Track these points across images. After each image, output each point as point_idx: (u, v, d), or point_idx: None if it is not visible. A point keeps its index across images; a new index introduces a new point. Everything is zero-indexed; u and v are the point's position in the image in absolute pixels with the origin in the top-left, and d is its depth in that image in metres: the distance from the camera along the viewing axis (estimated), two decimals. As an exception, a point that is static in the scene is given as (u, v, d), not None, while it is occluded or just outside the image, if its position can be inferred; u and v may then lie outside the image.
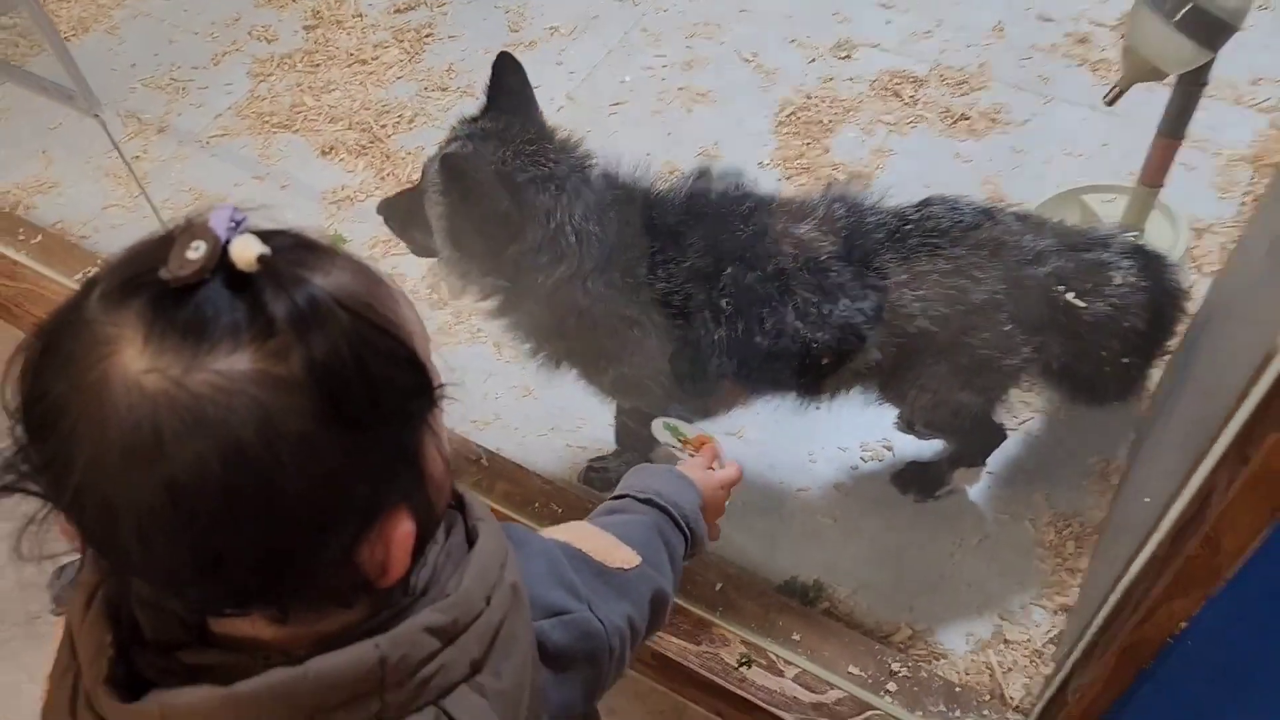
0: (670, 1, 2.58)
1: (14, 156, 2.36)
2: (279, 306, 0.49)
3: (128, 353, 0.48)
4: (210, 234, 0.49)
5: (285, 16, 2.64)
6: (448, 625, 0.57)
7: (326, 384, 0.50)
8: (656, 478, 0.98)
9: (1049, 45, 2.37)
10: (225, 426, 0.48)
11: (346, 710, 0.53)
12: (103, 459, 0.48)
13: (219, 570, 0.51)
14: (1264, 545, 0.63)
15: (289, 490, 0.50)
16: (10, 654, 1.67)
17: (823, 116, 2.26)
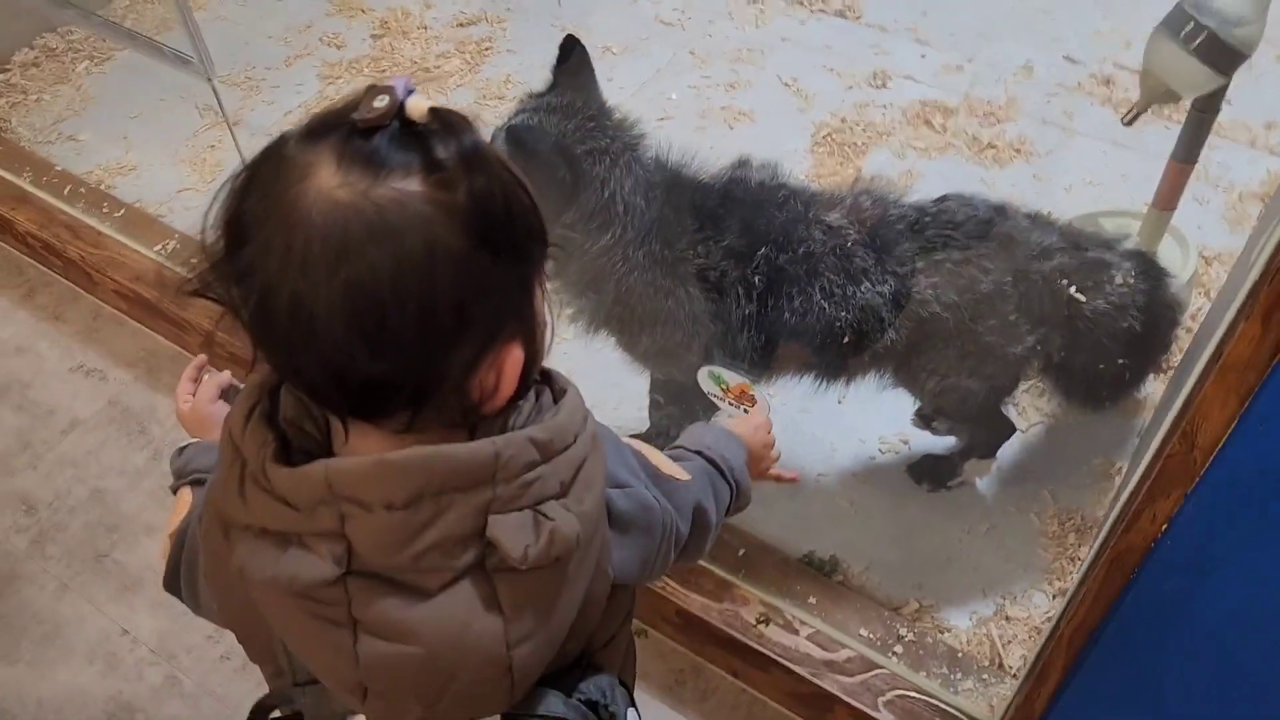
0: (717, 28, 2.73)
1: (99, 140, 2.53)
2: (448, 148, 0.62)
3: (323, 173, 0.60)
4: (391, 90, 0.62)
5: (354, 25, 2.81)
6: (547, 442, 0.67)
7: (481, 212, 0.62)
8: (707, 434, 1.07)
9: (1075, 84, 2.50)
10: (398, 234, 0.60)
11: (465, 494, 0.64)
12: (293, 258, 0.60)
13: (379, 357, 0.62)
14: (1233, 435, 0.73)
15: (442, 294, 0.61)
16: (79, 587, 1.80)
17: (856, 139, 2.39)
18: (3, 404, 2.08)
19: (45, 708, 1.65)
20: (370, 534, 0.64)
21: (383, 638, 0.66)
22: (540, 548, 0.65)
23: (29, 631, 1.74)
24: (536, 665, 0.70)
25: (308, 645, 0.69)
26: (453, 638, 0.66)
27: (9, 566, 1.83)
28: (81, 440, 2.01)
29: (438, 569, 0.66)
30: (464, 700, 0.68)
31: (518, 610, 0.67)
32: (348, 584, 0.65)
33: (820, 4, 2.77)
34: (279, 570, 0.65)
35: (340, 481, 0.63)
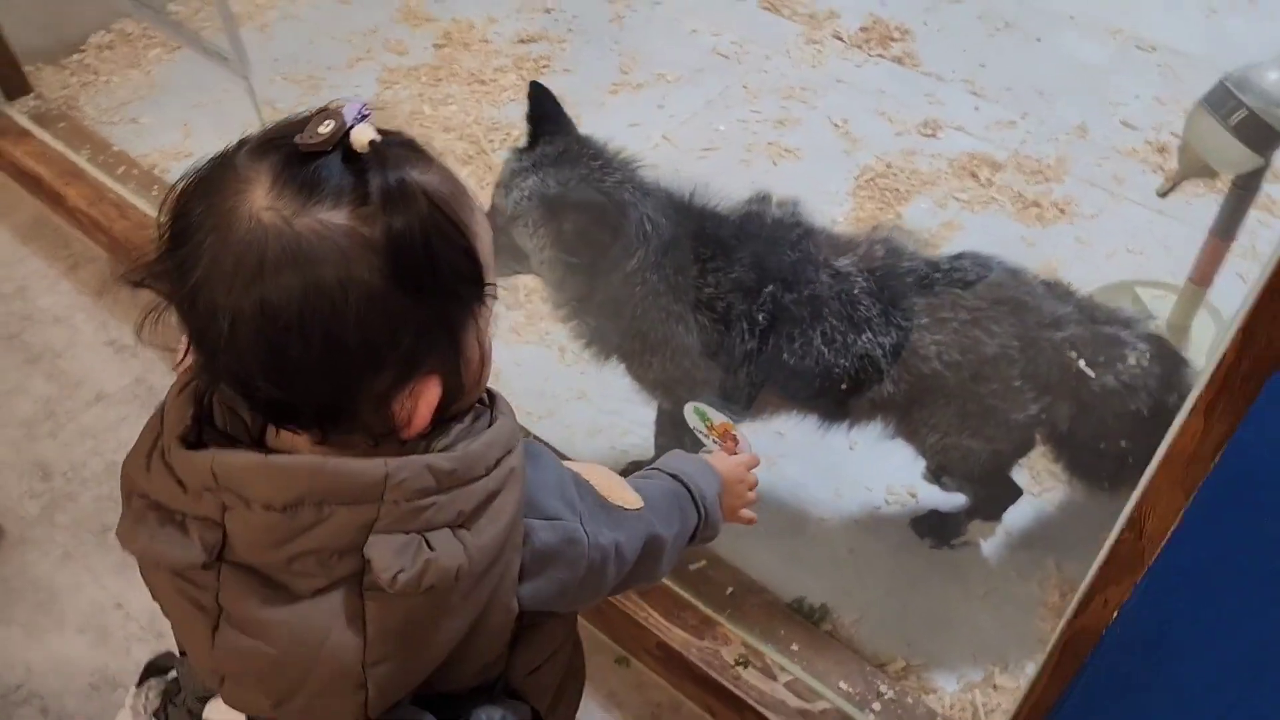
0: (773, 64, 2.74)
1: (159, 125, 2.61)
2: (375, 182, 0.63)
3: (257, 192, 0.62)
4: (340, 117, 0.63)
5: (418, 34, 2.87)
6: (448, 472, 0.67)
7: (397, 250, 0.63)
8: (684, 460, 1.07)
9: (1128, 149, 2.46)
10: (313, 264, 0.61)
11: (349, 509, 0.65)
12: (217, 268, 0.62)
13: (283, 378, 0.63)
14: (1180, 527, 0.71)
15: (350, 327, 0.63)
16: (81, 557, 1.83)
17: (900, 185, 2.37)
18: (34, 371, 2.14)
19: (32, 672, 1.69)
20: (246, 529, 0.65)
21: (241, 630, 0.67)
22: (411, 575, 0.65)
23: (26, 596, 1.78)
24: (397, 687, 0.69)
25: (177, 622, 0.71)
26: (308, 645, 0.66)
27: (18, 531, 1.87)
28: (104, 414, 2.06)
29: (311, 574, 0.66)
30: (314, 707, 0.68)
31: (383, 632, 0.67)
32: (221, 572, 0.66)
33: (879, 49, 2.76)
34: (150, 545, 0.67)
35: (224, 474, 0.65)
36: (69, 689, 1.67)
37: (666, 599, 1.59)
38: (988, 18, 2.85)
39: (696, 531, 1.03)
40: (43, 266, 2.35)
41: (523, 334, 2.10)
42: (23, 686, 1.67)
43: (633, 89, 2.67)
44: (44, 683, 1.67)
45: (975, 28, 2.82)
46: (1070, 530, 1.77)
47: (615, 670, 1.66)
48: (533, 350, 2.07)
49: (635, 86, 2.68)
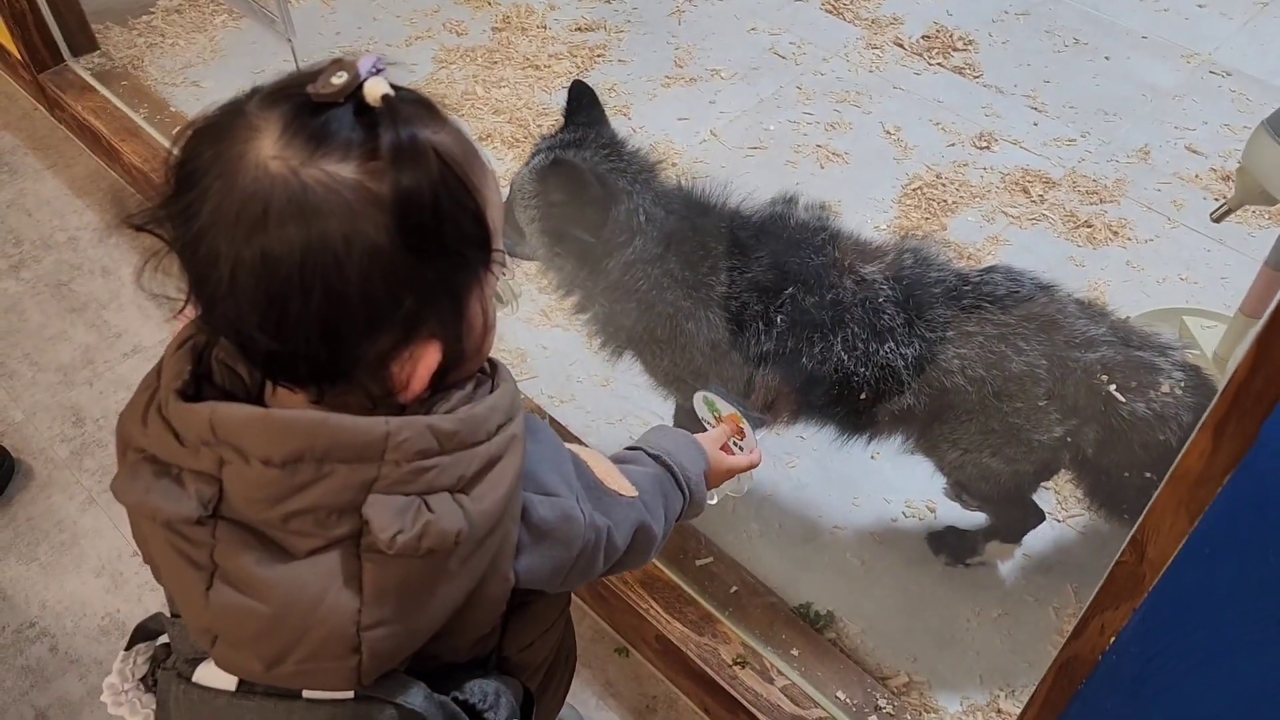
0: (829, 67, 2.70)
1: (218, 90, 2.65)
2: (386, 137, 0.61)
3: (265, 140, 0.61)
4: (354, 69, 0.61)
5: (478, 16, 2.88)
6: (449, 433, 0.66)
7: (404, 208, 0.61)
8: (671, 438, 1.05)
9: (1192, 175, 2.39)
10: (317, 216, 0.60)
11: (350, 467, 0.64)
12: (221, 215, 0.61)
13: (281, 331, 0.62)
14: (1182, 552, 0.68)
15: (351, 284, 0.61)
16: (104, 504, 1.87)
17: (948, 196, 2.33)
18: (78, 320, 2.18)
19: (47, 610, 1.72)
20: (244, 485, 0.64)
21: (235, 588, 0.65)
22: (410, 536, 0.63)
23: (50, 536, 1.82)
24: (392, 652, 0.68)
25: (171, 580, 0.69)
26: (303, 605, 0.65)
27: (47, 472, 1.91)
28: (140, 366, 2.09)
29: (308, 534, 0.65)
30: (306, 669, 0.67)
31: (379, 595, 0.66)
32: (217, 529, 0.65)
33: (940, 58, 2.72)
34: (147, 498, 0.65)
35: (223, 427, 0.64)
36: (80, 629, 1.70)
37: (669, 592, 1.57)
38: (1056, 33, 2.79)
39: (682, 511, 1.02)
40: (95, 219, 2.40)
41: (551, 318, 2.10)
42: (36, 624, 1.70)
43: (686, 83, 2.65)
44: (57, 622, 1.71)
45: (1042, 42, 2.76)
46: (1092, 557, 1.72)
47: (614, 660, 1.65)
48: (560, 335, 2.07)
49: (689, 80, 2.66)
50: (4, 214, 2.41)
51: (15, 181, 2.49)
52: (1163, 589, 0.72)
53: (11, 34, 2.49)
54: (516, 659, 0.86)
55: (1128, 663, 0.78)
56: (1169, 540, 0.70)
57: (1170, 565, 0.70)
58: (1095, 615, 0.79)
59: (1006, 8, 2.87)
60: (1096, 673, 0.81)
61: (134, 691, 0.80)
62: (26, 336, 2.15)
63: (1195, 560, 0.69)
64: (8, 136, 2.61)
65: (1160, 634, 0.75)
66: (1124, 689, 0.80)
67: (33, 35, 2.49)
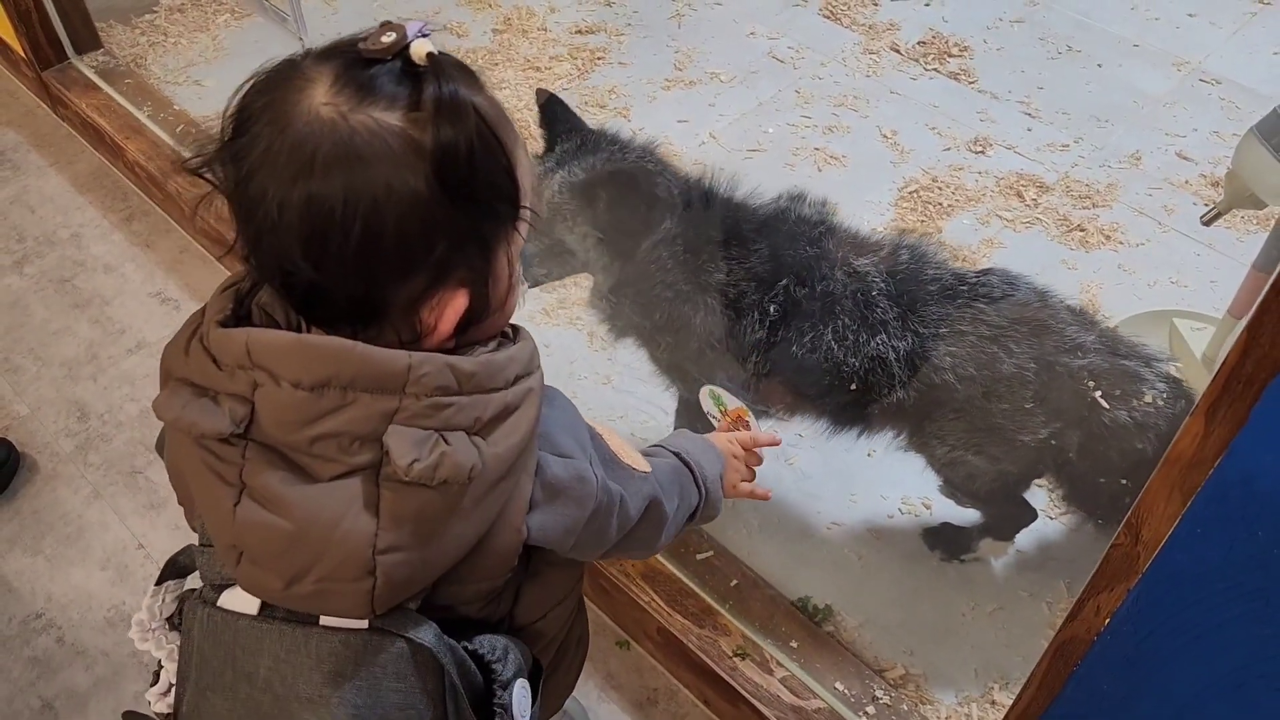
0: (827, 71, 2.74)
1: (221, 89, 2.65)
2: (430, 91, 0.66)
3: (318, 89, 0.66)
4: (402, 30, 0.67)
5: (479, 18, 2.91)
6: (468, 373, 0.69)
7: (443, 157, 0.66)
8: (689, 440, 1.08)
9: (1182, 181, 2.43)
10: (362, 159, 0.65)
11: (372, 395, 0.67)
12: (271, 156, 0.65)
13: (322, 265, 0.66)
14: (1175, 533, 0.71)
15: (389, 225, 0.66)
16: (110, 497, 1.88)
17: (943, 199, 2.36)
18: (82, 316, 2.20)
19: (53, 602, 1.74)
20: (274, 406, 0.68)
21: (261, 505, 0.69)
22: (426, 464, 0.67)
23: (55, 529, 1.83)
24: (404, 581, 0.71)
25: (202, 497, 0.72)
26: (323, 524, 0.68)
27: (52, 466, 1.93)
28: (143, 362, 2.11)
29: (331, 459, 0.68)
30: (322, 589, 0.70)
31: (395, 521, 0.69)
32: (247, 449, 0.69)
33: (936, 63, 2.75)
34: (183, 414, 0.69)
35: (258, 349, 0.68)
36: (86, 621, 1.71)
37: (670, 585, 1.60)
38: (1049, 40, 2.83)
39: (698, 510, 1.04)
40: (98, 216, 2.41)
41: (554, 316, 2.12)
42: (43, 615, 1.72)
43: (685, 86, 2.68)
44: (63, 614, 1.72)
45: (1036, 49, 2.80)
46: (1083, 554, 1.75)
47: (615, 652, 1.67)
48: (561, 332, 2.09)
49: (688, 84, 2.69)
50: (7, 210, 2.42)
51: (18, 178, 2.50)
52: (1156, 569, 0.75)
53: (16, 31, 2.51)
54: (529, 629, 0.88)
55: (1122, 642, 0.81)
56: (1162, 522, 0.73)
57: (1163, 546, 0.73)
58: (1091, 597, 0.82)
59: (1001, 15, 2.91)
60: (1092, 653, 0.84)
61: (161, 630, 0.83)
62: (30, 332, 2.17)
63: (1188, 540, 0.72)
64: (11, 133, 2.62)
65: (1153, 613, 0.78)
66: (1118, 668, 0.82)
67: (37, 33, 2.51)
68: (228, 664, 0.74)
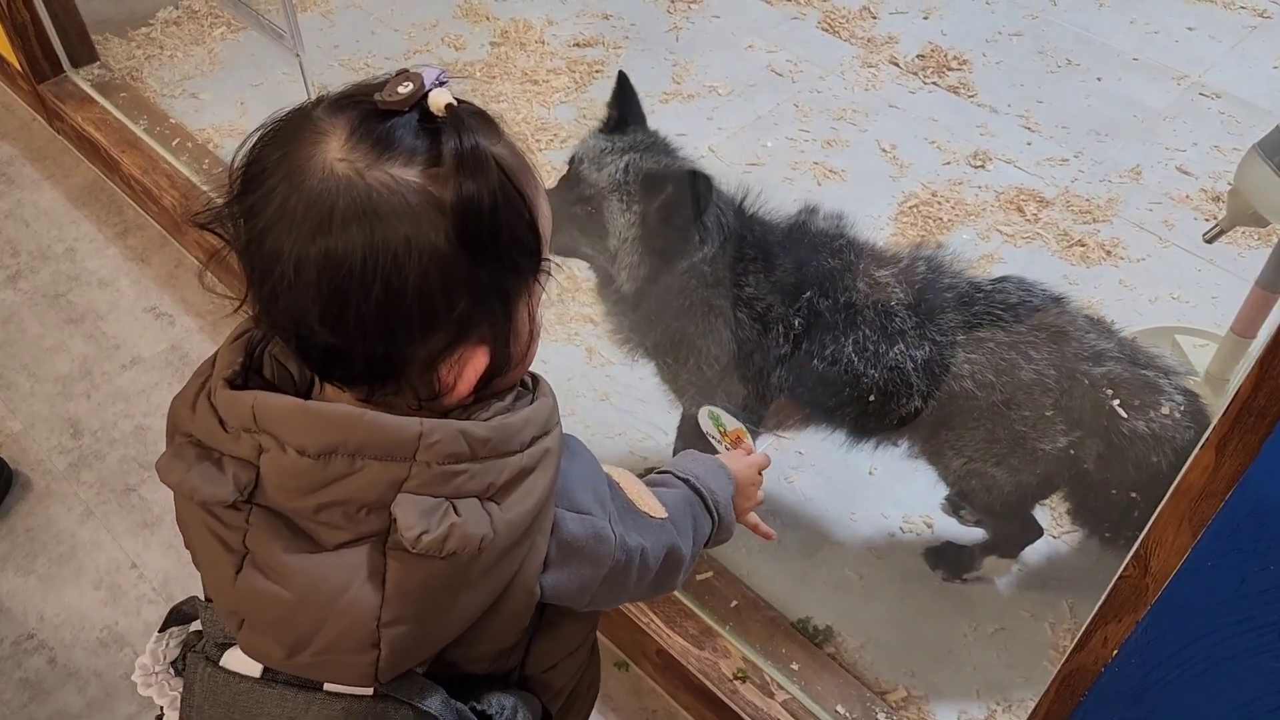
0: (826, 85, 2.73)
1: (217, 102, 2.66)
2: (450, 145, 0.64)
3: (332, 143, 0.64)
4: (419, 79, 0.64)
5: (477, 31, 2.90)
6: (481, 440, 0.67)
7: (465, 214, 0.64)
8: (698, 463, 1.06)
9: (1182, 195, 2.42)
10: (381, 217, 0.62)
11: (382, 464, 0.65)
12: (287, 213, 0.63)
13: (340, 325, 0.64)
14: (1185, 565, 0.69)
15: (410, 284, 0.64)
16: (102, 516, 1.86)
17: (943, 214, 2.35)
18: (76, 331, 2.18)
19: (45, 622, 1.72)
20: (279, 472, 0.66)
21: (262, 573, 0.67)
22: (435, 536, 0.64)
23: (48, 548, 1.81)
24: (409, 651, 0.69)
25: (204, 561, 0.71)
26: (325, 595, 0.66)
27: (45, 484, 1.91)
28: (138, 378, 2.10)
29: (338, 526, 0.67)
30: (324, 660, 0.68)
31: (401, 593, 0.67)
32: (251, 514, 0.67)
33: (935, 77, 2.75)
34: (187, 478, 0.67)
35: (263, 414, 0.66)
36: (78, 642, 1.69)
37: (669, 606, 1.58)
38: (1048, 54, 2.82)
39: (710, 537, 1.03)
40: (93, 230, 2.40)
41: (552, 332, 2.11)
42: (35, 636, 1.70)
43: (683, 99, 2.67)
44: (55, 634, 1.70)
45: (1035, 63, 2.80)
46: (1087, 574, 1.74)
47: (614, 674, 1.65)
48: (560, 349, 2.08)
49: (686, 97, 2.68)
50: (1, 224, 2.41)
51: (13, 192, 2.49)
52: (1165, 601, 0.74)
53: (12, 44, 2.50)
54: (539, 679, 0.86)
55: (1130, 674, 0.80)
56: (1172, 554, 0.72)
57: (1173, 578, 0.72)
58: (1098, 628, 0.81)
59: (1000, 28, 2.91)
60: (1098, 684, 0.82)
61: (164, 674, 0.82)
62: (24, 347, 2.15)
63: (1197, 573, 0.70)
64: (6, 147, 2.61)
65: (1162, 645, 0.77)
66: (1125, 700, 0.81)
67: (33, 46, 2.50)
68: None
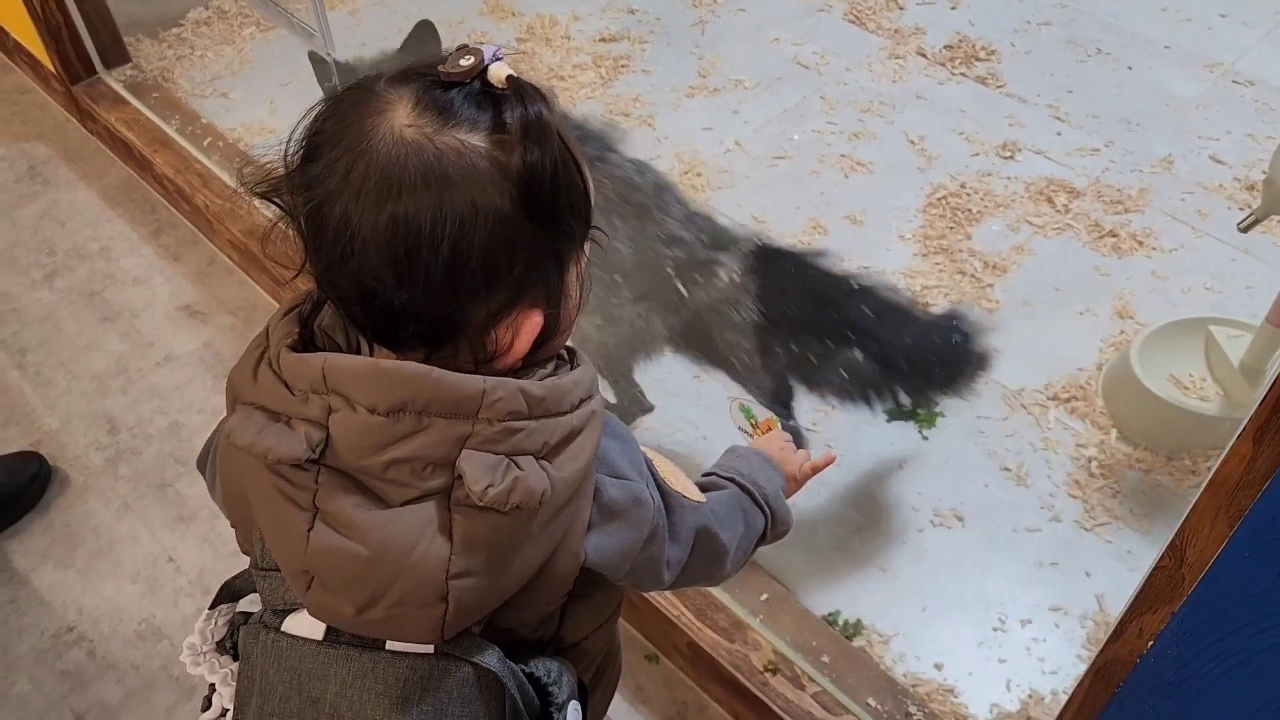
0: (853, 77, 2.72)
1: (247, 101, 2.69)
2: (515, 114, 0.67)
3: (398, 111, 0.66)
4: (479, 53, 0.67)
5: (502, 27, 2.91)
6: (538, 398, 0.69)
7: (530, 179, 0.67)
8: (741, 460, 1.06)
9: (1216, 185, 2.39)
10: (450, 181, 0.65)
11: (446, 420, 0.67)
12: (354, 181, 0.65)
13: (407, 288, 0.66)
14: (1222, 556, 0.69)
15: (475, 245, 0.66)
16: (140, 510, 1.89)
17: (972, 205, 2.34)
18: (111, 329, 2.22)
19: (85, 615, 1.75)
20: (349, 431, 0.67)
21: (335, 530, 0.68)
22: (500, 490, 0.66)
23: (87, 542, 1.85)
24: (474, 606, 0.70)
25: (272, 523, 0.72)
26: (398, 549, 0.68)
27: (83, 479, 1.94)
28: (172, 375, 2.13)
29: (405, 484, 0.68)
30: (395, 614, 0.69)
31: (467, 546, 0.68)
32: (320, 474, 0.69)
33: (963, 68, 2.73)
34: (259, 439, 0.68)
35: (334, 374, 0.67)
36: (117, 634, 1.72)
37: (700, 599, 1.58)
38: (1078, 43, 2.79)
39: (766, 531, 1.03)
40: (127, 229, 2.43)
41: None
42: (74, 629, 1.73)
43: (709, 93, 2.67)
44: (94, 627, 1.73)
45: (1064, 53, 2.77)
46: (1119, 566, 1.73)
47: (645, 666, 1.66)
48: (589, 344, 2.09)
49: (712, 91, 2.68)
50: (38, 224, 2.45)
51: (48, 192, 2.53)
52: (1202, 592, 0.73)
53: (46, 47, 2.53)
54: (573, 649, 0.88)
55: (1166, 665, 0.79)
56: (1208, 545, 0.71)
57: (1209, 569, 0.72)
58: (1134, 619, 0.80)
59: (1029, 18, 2.88)
60: (1134, 675, 0.82)
61: (212, 653, 0.83)
62: (61, 345, 2.18)
63: (1234, 563, 0.70)
64: (41, 148, 2.65)
65: (1198, 637, 0.76)
66: (1161, 691, 0.81)
67: (67, 48, 2.54)
68: (294, 689, 0.74)
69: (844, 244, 2.27)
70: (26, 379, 2.12)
